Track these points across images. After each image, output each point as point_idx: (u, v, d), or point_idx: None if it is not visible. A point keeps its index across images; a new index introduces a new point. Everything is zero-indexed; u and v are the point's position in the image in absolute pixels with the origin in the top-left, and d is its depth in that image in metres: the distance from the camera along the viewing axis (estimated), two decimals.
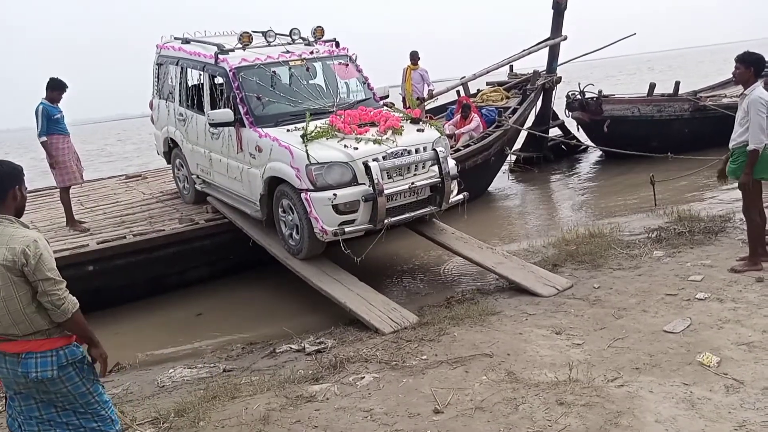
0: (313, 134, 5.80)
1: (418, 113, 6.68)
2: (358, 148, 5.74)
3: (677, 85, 12.10)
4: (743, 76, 5.24)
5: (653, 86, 12.33)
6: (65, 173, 7.16)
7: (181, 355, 5.69)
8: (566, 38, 12.09)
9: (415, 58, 11.82)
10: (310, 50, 6.93)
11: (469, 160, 9.32)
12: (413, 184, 5.92)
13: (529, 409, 3.55)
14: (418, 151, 6.02)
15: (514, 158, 12.69)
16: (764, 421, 3.23)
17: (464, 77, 12.38)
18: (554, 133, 13.43)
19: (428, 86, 11.83)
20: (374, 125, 6.11)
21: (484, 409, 3.61)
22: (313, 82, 6.85)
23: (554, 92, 12.30)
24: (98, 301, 6.30)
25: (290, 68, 6.70)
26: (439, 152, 6.04)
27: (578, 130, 13.37)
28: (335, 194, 5.60)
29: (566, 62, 12.61)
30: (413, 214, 6.08)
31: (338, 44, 7.26)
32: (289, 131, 6.04)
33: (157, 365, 5.43)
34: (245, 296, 7.00)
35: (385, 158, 5.78)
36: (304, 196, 5.70)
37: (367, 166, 5.64)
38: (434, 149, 6.07)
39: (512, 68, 12.87)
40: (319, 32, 7.14)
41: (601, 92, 12.56)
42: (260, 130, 6.16)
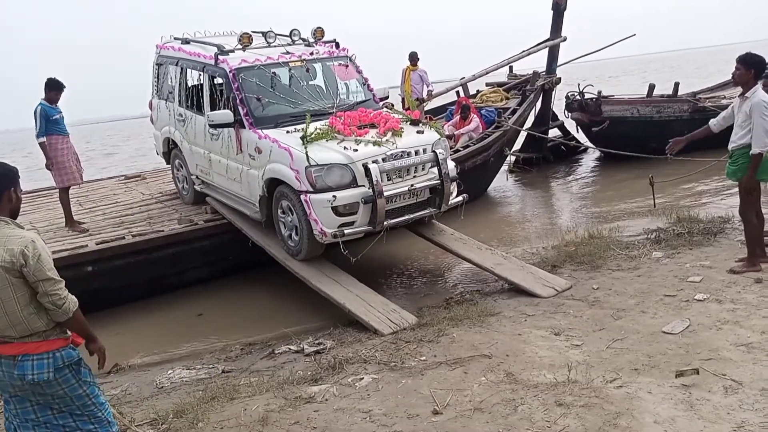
0: (312, 136, 5.81)
1: (417, 115, 6.68)
2: (357, 149, 5.75)
3: (676, 86, 12.12)
4: (743, 77, 5.20)
5: (653, 87, 12.34)
6: (64, 174, 7.16)
7: (179, 356, 5.68)
8: (566, 39, 12.10)
9: (414, 58, 11.83)
10: (310, 51, 6.93)
11: (468, 160, 9.32)
12: (413, 185, 5.92)
13: (528, 410, 3.56)
14: (417, 153, 6.02)
15: (513, 159, 12.68)
16: (763, 422, 3.24)
17: (464, 78, 12.38)
18: (554, 133, 13.45)
19: (427, 87, 11.83)
20: (374, 127, 6.11)
21: (483, 410, 3.61)
22: (313, 83, 6.85)
23: (554, 93, 12.31)
24: (97, 301, 6.29)
25: (290, 69, 6.70)
26: (438, 154, 6.04)
27: (577, 131, 13.38)
28: (335, 196, 5.60)
29: (566, 63, 12.62)
30: (413, 216, 6.09)
31: (338, 45, 7.25)
32: (288, 133, 6.04)
33: (155, 366, 5.42)
34: (244, 297, 7.00)
35: (384, 160, 5.78)
36: (303, 197, 5.70)
37: (366, 168, 5.64)
38: (434, 151, 6.08)
39: (512, 69, 12.88)
40: (319, 33, 7.14)
41: (600, 93, 12.56)
42: (260, 131, 6.16)
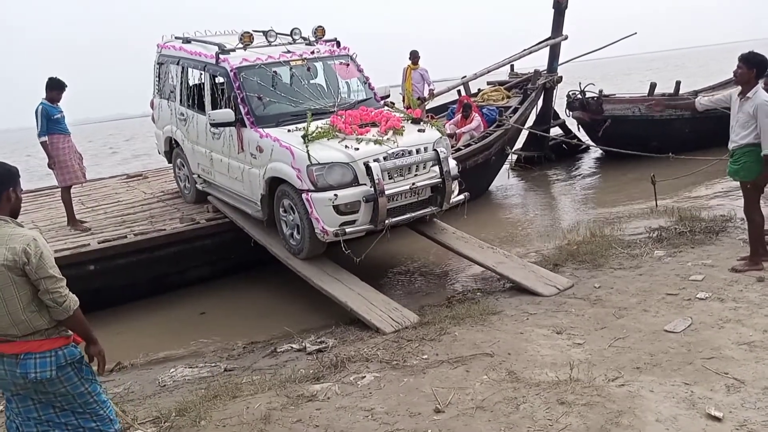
0: (314, 135, 5.81)
1: (419, 113, 6.68)
2: (359, 148, 5.75)
3: (678, 84, 12.09)
4: (745, 76, 5.17)
5: (654, 86, 12.32)
6: (66, 173, 7.17)
7: (182, 354, 5.69)
8: (567, 38, 12.09)
9: (415, 57, 11.81)
10: (311, 50, 6.93)
11: (469, 159, 9.32)
12: (414, 184, 5.92)
13: (529, 408, 3.56)
14: (419, 151, 6.02)
15: (515, 158, 12.70)
16: (765, 420, 3.24)
17: (465, 77, 12.38)
18: (555, 132, 13.44)
19: (429, 86, 11.82)
20: (375, 125, 6.11)
21: (484, 408, 3.61)
22: (314, 82, 6.85)
23: (555, 92, 12.31)
24: (99, 300, 6.30)
25: (291, 68, 6.70)
26: (440, 152, 6.05)
27: (579, 129, 13.37)
28: (336, 195, 5.60)
29: (567, 62, 12.61)
30: (414, 214, 6.09)
31: (339, 44, 7.25)
32: (290, 131, 6.04)
33: (158, 364, 5.43)
34: (246, 296, 7.00)
35: (386, 159, 5.78)
36: (305, 196, 5.70)
37: (368, 166, 5.64)
38: (435, 150, 6.07)
39: (513, 68, 12.88)
40: (320, 32, 7.13)
41: (601, 92, 12.55)
42: (261, 130, 6.16)
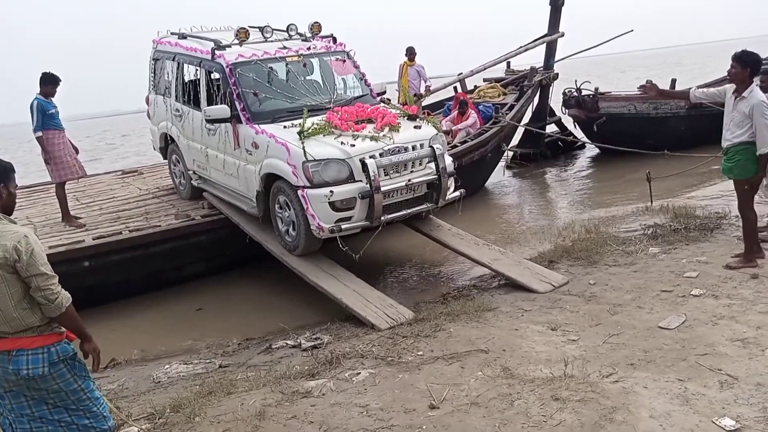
0: (309, 131, 5.79)
1: (415, 110, 6.67)
2: (354, 145, 5.74)
3: (673, 82, 12.11)
4: (739, 76, 5.14)
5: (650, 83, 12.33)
6: (60, 168, 7.14)
7: (176, 350, 5.68)
8: (563, 35, 12.10)
9: (411, 54, 11.80)
10: (307, 46, 6.92)
11: (466, 156, 9.32)
12: (410, 181, 5.92)
13: (524, 404, 3.57)
14: (415, 148, 6.02)
15: (511, 154, 12.71)
16: (758, 416, 3.25)
17: (461, 73, 12.38)
18: (551, 129, 13.45)
19: (425, 82, 11.81)
20: (371, 122, 6.10)
21: (479, 404, 3.62)
22: (310, 78, 6.84)
23: (551, 89, 12.32)
24: (94, 296, 6.29)
25: (287, 64, 6.67)
26: (436, 149, 6.04)
27: (575, 126, 13.39)
28: (332, 191, 5.59)
29: (563, 59, 12.61)
30: (410, 211, 6.09)
31: (335, 40, 7.23)
32: (285, 128, 6.03)
33: (152, 361, 5.42)
34: (241, 292, 6.99)
35: (382, 155, 5.78)
36: (300, 193, 5.69)
37: (363, 163, 5.64)
38: (431, 146, 6.07)
39: (509, 65, 12.89)
40: (316, 28, 7.12)
41: (597, 89, 12.57)
42: (257, 126, 6.15)
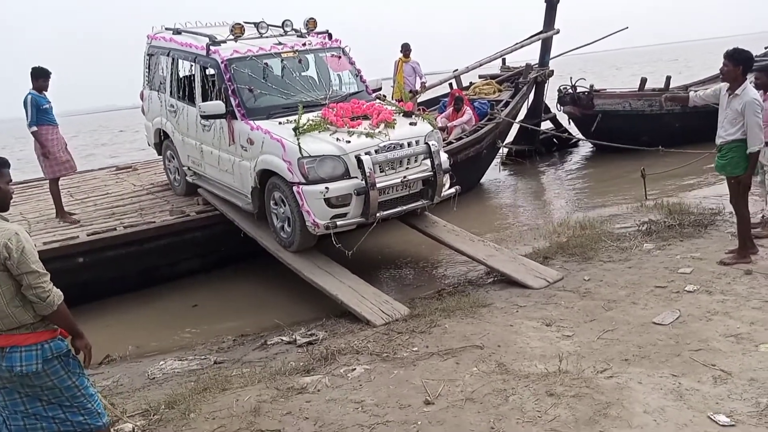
0: (305, 127, 5.78)
1: (410, 106, 6.67)
2: (350, 141, 5.73)
3: (668, 79, 12.15)
4: (731, 74, 5.14)
5: (644, 81, 12.37)
6: (54, 164, 7.10)
7: (171, 347, 5.67)
8: (558, 32, 12.11)
9: (406, 50, 11.77)
10: (302, 42, 6.88)
11: (461, 152, 9.33)
12: (405, 177, 5.91)
13: (519, 400, 3.58)
14: (410, 144, 6.01)
15: (506, 151, 12.72)
16: (751, 411, 3.27)
17: (457, 70, 12.38)
18: (546, 126, 13.47)
19: (420, 79, 11.79)
20: (367, 118, 6.09)
21: (474, 400, 3.63)
22: (305, 74, 6.81)
23: (546, 85, 12.33)
24: (88, 293, 6.27)
25: (282, 60, 6.65)
26: (431, 146, 6.04)
27: (569, 123, 13.41)
28: (327, 188, 5.58)
29: (558, 56, 12.63)
30: (405, 207, 6.09)
31: (331, 36, 7.21)
32: (281, 124, 6.01)
33: (147, 357, 5.41)
34: (236, 289, 6.98)
35: (377, 152, 5.77)
36: (296, 189, 5.68)
37: (359, 159, 5.63)
38: (427, 143, 6.07)
39: (505, 61, 12.89)
40: (311, 24, 7.09)
41: (592, 86, 12.59)
42: (252, 122, 6.13)
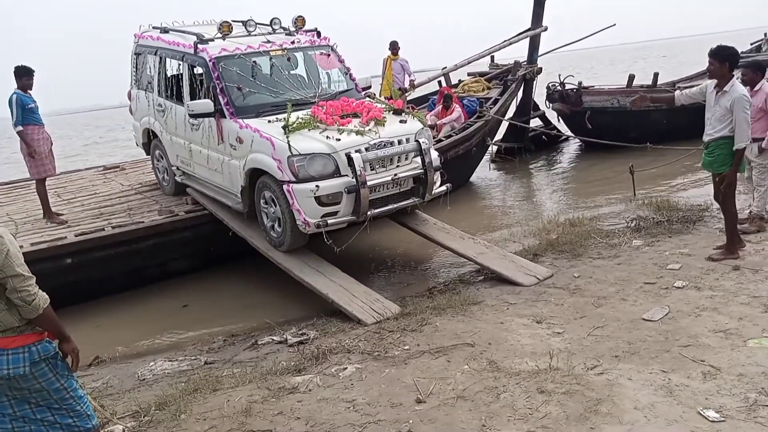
0: (294, 125, 5.76)
1: (400, 104, 6.66)
2: (340, 139, 5.71)
3: (656, 76, 12.23)
4: (718, 71, 5.15)
5: (632, 77, 12.44)
6: (40, 164, 7.03)
7: (161, 347, 5.64)
8: (546, 29, 12.14)
9: (395, 48, 11.77)
10: (291, 40, 6.86)
11: (450, 150, 9.33)
12: (396, 175, 5.91)
13: (510, 397, 3.59)
14: (401, 142, 6.00)
15: (495, 149, 12.75)
16: (740, 406, 3.30)
17: (445, 68, 12.38)
18: (535, 123, 13.51)
19: (409, 76, 11.79)
20: (357, 116, 6.08)
21: (465, 398, 3.64)
22: (294, 72, 6.79)
23: (535, 83, 12.36)
24: (77, 294, 6.23)
25: (271, 58, 6.63)
26: (422, 143, 6.04)
27: (558, 120, 13.46)
28: (318, 186, 5.57)
29: (547, 53, 12.67)
30: (396, 205, 6.08)
31: (319, 34, 7.19)
32: (270, 122, 5.98)
33: (137, 358, 5.37)
34: (226, 288, 6.95)
35: (367, 149, 5.76)
36: (286, 187, 5.66)
37: (349, 157, 5.61)
38: (417, 140, 6.07)
39: (493, 59, 12.91)
40: (300, 22, 7.06)
41: (581, 83, 12.64)
42: (241, 121, 6.10)
